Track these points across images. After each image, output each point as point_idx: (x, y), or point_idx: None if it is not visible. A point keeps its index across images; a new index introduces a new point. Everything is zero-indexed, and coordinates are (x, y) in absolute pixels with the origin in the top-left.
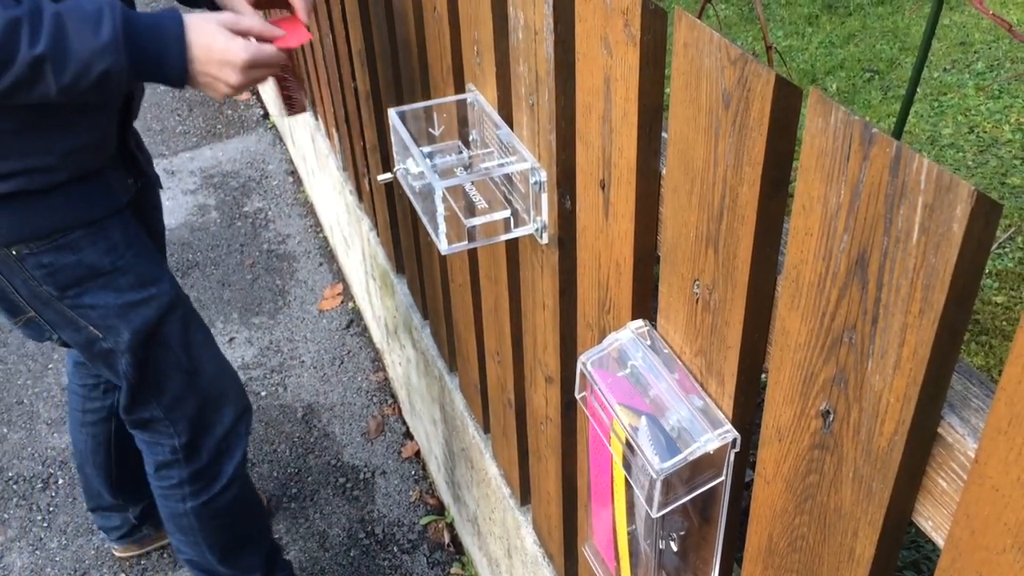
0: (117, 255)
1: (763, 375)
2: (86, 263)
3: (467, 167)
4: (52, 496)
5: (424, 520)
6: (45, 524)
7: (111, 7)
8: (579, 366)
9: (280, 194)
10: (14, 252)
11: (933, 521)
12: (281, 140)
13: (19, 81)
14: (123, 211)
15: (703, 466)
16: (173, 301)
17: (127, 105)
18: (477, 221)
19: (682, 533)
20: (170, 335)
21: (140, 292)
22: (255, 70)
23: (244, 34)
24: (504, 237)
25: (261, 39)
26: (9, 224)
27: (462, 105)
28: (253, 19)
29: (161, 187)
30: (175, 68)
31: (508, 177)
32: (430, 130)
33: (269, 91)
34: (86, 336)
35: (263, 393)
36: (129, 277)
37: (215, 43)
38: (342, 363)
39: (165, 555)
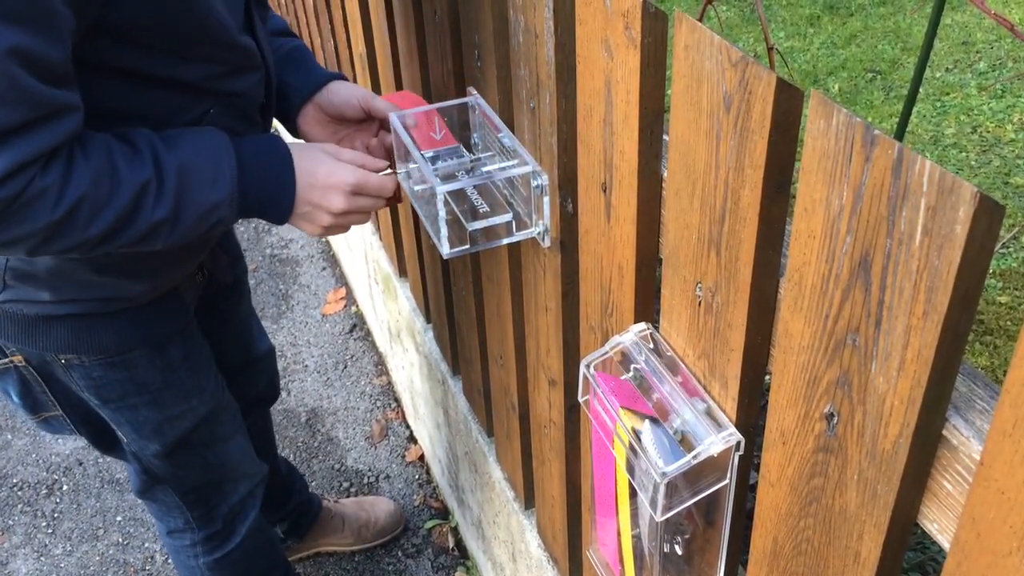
0: (170, 372)
1: (766, 377)
2: (137, 380)
3: (469, 171)
4: (56, 502)
5: (428, 524)
6: (50, 530)
7: (227, 152)
8: (582, 369)
9: None
10: (63, 360)
11: (938, 524)
12: None
13: (131, 242)
14: (189, 323)
15: (707, 469)
16: (212, 409)
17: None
18: (479, 225)
19: (686, 536)
20: (199, 439)
21: (182, 405)
22: (360, 198)
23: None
24: (506, 240)
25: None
26: (65, 339)
27: (463, 108)
28: (353, 153)
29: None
30: (283, 211)
31: (510, 180)
32: (431, 134)
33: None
34: (111, 437)
35: None
36: (175, 391)
37: (319, 168)
38: (345, 367)
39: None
